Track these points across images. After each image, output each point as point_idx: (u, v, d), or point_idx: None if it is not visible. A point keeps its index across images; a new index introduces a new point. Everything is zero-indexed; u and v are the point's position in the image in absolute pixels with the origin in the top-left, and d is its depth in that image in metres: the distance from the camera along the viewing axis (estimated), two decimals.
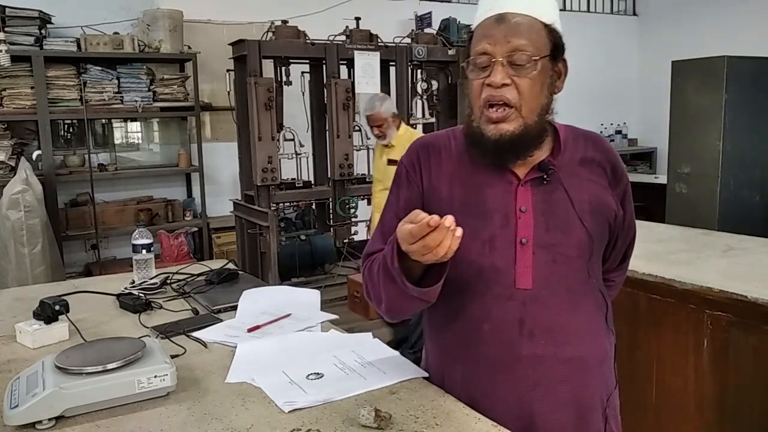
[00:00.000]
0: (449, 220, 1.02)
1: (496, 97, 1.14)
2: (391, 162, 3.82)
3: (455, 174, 1.25)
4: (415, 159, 1.29)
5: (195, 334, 1.59)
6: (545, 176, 1.20)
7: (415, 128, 5.15)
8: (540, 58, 1.14)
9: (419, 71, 5.14)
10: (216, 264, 2.27)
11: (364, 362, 1.37)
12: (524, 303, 1.18)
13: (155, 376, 1.22)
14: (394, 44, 4.91)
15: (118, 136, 5.31)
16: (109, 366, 1.20)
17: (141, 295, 1.89)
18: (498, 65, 1.13)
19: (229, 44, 4.57)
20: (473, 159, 1.23)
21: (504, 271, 1.19)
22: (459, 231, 1.03)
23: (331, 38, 4.63)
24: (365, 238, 5.51)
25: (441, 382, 1.30)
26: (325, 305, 1.87)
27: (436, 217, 1.01)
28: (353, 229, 4.92)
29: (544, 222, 1.19)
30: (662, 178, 5.78)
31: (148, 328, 1.66)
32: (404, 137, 3.82)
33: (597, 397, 1.25)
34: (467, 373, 1.24)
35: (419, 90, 5.05)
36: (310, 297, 1.88)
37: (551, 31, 1.17)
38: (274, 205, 4.47)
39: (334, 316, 1.73)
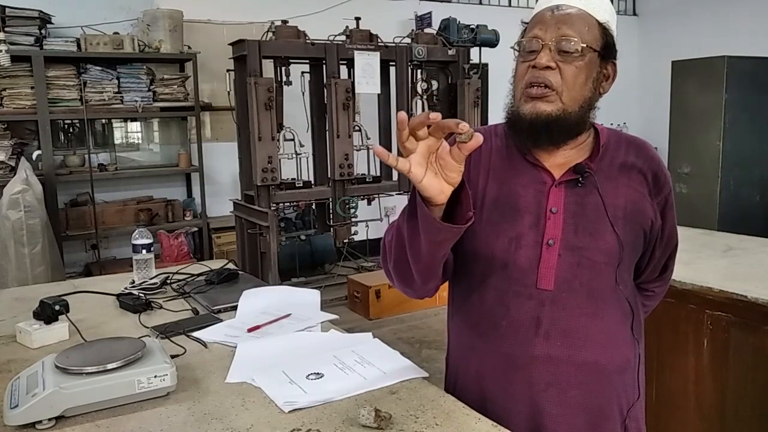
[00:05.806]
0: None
1: (539, 78, 1.13)
2: None
3: (492, 169, 1.24)
4: None
5: (195, 334, 1.59)
6: (580, 179, 1.19)
7: None
8: (588, 49, 1.14)
9: (419, 71, 5.14)
10: (216, 264, 2.27)
11: (364, 362, 1.37)
12: (543, 304, 1.18)
13: (155, 376, 1.21)
14: (394, 44, 4.91)
15: (118, 136, 5.31)
16: (109, 366, 1.20)
17: (141, 295, 1.89)
18: (545, 49, 1.13)
19: (229, 44, 4.57)
20: (511, 155, 1.24)
21: (527, 270, 1.18)
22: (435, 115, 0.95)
23: (331, 38, 4.63)
24: (365, 238, 5.51)
25: (456, 375, 1.31)
26: (325, 305, 1.87)
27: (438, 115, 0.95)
28: (353, 229, 4.92)
29: (574, 224, 1.18)
30: None
31: (148, 328, 1.66)
32: None
33: (614, 406, 1.22)
34: (481, 367, 1.24)
35: (419, 90, 5.06)
36: (310, 297, 1.88)
37: (604, 30, 1.17)
38: (274, 205, 4.47)
39: (334, 316, 1.73)
